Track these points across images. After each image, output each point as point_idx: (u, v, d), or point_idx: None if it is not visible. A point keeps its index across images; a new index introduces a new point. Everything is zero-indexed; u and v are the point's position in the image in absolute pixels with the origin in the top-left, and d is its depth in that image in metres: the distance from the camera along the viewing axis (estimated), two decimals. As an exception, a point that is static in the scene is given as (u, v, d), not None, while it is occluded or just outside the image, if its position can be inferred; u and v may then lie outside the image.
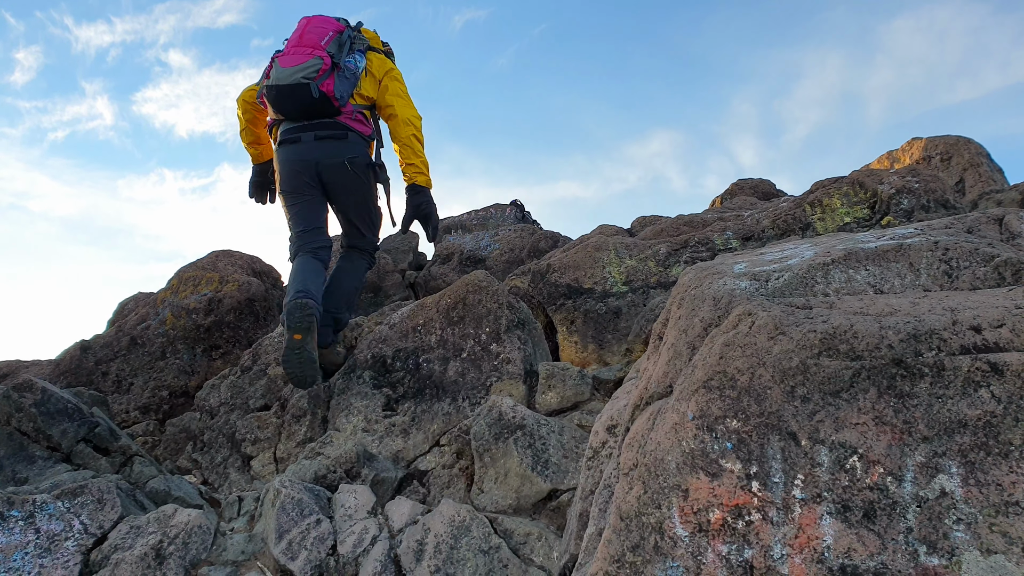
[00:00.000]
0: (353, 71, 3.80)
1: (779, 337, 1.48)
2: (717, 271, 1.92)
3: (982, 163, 5.95)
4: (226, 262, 5.62)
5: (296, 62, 3.66)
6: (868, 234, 1.98)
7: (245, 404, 4.20)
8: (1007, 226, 1.84)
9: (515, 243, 6.20)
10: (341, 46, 3.82)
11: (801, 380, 1.42)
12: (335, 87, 3.70)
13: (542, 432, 2.96)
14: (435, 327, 3.78)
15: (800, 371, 1.42)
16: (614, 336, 4.12)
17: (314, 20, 3.90)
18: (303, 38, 3.78)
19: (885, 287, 1.66)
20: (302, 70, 3.63)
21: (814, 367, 1.41)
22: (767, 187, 6.69)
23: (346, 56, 3.82)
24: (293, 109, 3.76)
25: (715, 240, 4.44)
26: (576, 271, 4.53)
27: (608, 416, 2.14)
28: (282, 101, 3.73)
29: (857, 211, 4.12)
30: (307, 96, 3.65)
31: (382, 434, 3.60)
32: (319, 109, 3.73)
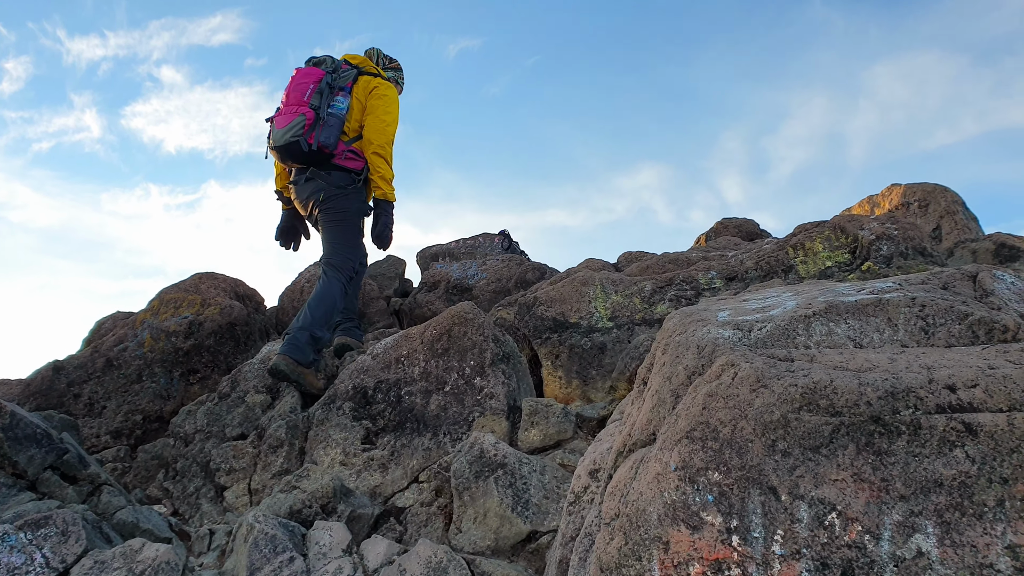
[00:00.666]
0: (337, 115, 4.32)
1: (761, 390, 1.50)
2: (702, 318, 1.95)
3: (958, 211, 6.07)
4: (209, 285, 5.58)
5: (285, 123, 4.22)
6: (848, 286, 2.02)
7: (221, 432, 4.15)
8: (981, 284, 1.88)
9: (502, 273, 6.22)
10: (322, 94, 4.32)
11: (782, 434, 1.43)
12: (321, 137, 4.24)
13: (523, 471, 2.95)
14: (419, 359, 3.77)
15: (781, 425, 1.44)
16: (598, 372, 4.13)
17: (297, 76, 4.40)
18: (289, 97, 4.34)
19: (864, 341, 1.69)
20: (290, 130, 4.20)
21: (795, 421, 1.43)
22: (751, 227, 6.77)
23: (329, 104, 4.32)
24: (295, 162, 4.38)
25: (699, 279, 4.48)
26: (562, 305, 4.54)
27: (591, 460, 2.15)
28: (283, 157, 4.37)
29: (838, 256, 4.18)
30: (299, 151, 4.23)
31: (360, 468, 3.57)
32: (315, 158, 4.30)
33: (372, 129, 4.39)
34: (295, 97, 4.29)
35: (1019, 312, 1.85)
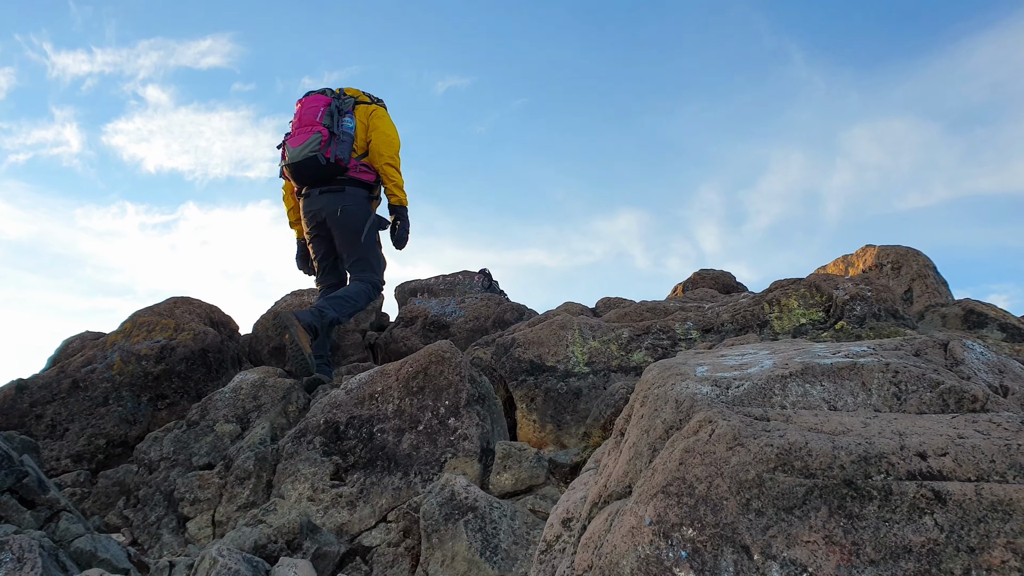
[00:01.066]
0: (348, 133, 4.73)
1: (737, 448, 1.52)
2: (680, 372, 1.97)
3: (929, 275, 6.23)
4: (184, 309, 5.53)
5: (302, 141, 4.60)
6: (824, 347, 2.06)
7: (188, 461, 4.08)
8: (951, 352, 1.93)
9: (481, 312, 6.23)
10: (332, 116, 4.70)
11: (756, 493, 1.45)
12: (337, 151, 4.64)
13: (494, 516, 2.94)
14: (393, 396, 3.75)
15: (756, 484, 1.46)
16: (573, 418, 4.13)
17: (306, 102, 4.78)
18: (302, 119, 4.70)
19: (839, 404, 1.72)
20: (308, 146, 4.56)
21: (769, 481, 1.45)
22: (728, 279, 6.87)
23: (339, 122, 4.71)
24: (309, 178, 4.73)
25: (676, 329, 4.53)
26: (540, 347, 4.56)
27: (564, 508, 2.14)
28: (300, 173, 4.71)
29: (813, 313, 4.25)
30: (317, 165, 4.61)
31: (328, 504, 3.52)
32: (329, 173, 4.70)
33: (381, 143, 4.82)
34: (308, 119, 4.68)
35: (988, 382, 1.89)
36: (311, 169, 4.65)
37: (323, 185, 4.74)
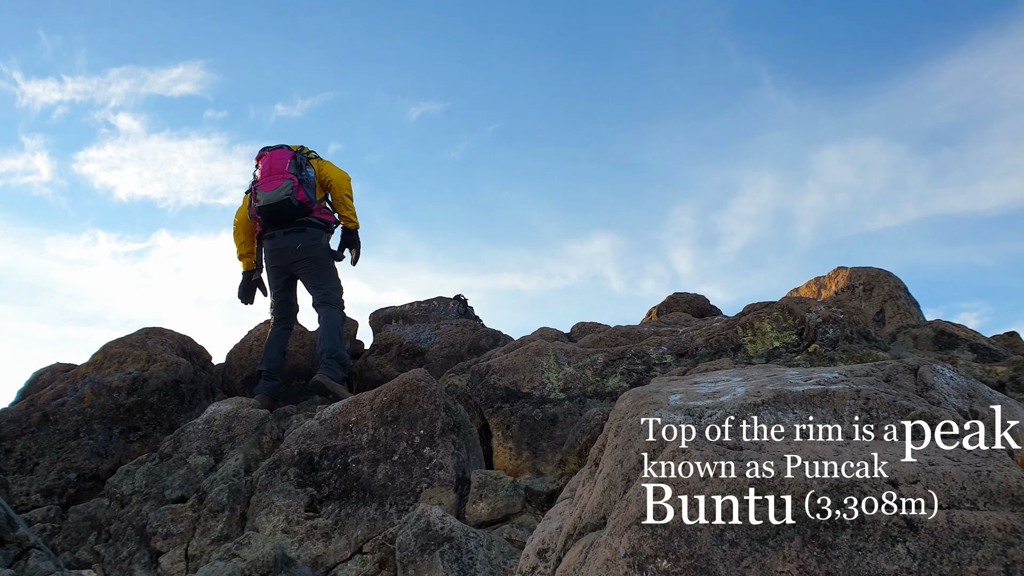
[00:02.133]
0: (311, 180, 5.41)
1: (711, 479, 1.51)
2: (654, 400, 1.97)
3: (900, 296, 6.32)
4: (156, 340, 5.44)
5: (275, 186, 5.22)
6: (796, 373, 2.07)
7: (160, 494, 3.98)
8: (922, 377, 1.95)
9: (456, 338, 6.20)
10: (298, 166, 5.39)
11: (730, 524, 1.44)
12: (305, 195, 5.30)
13: (470, 546, 2.90)
14: (367, 426, 3.71)
15: (729, 515, 1.45)
16: (549, 444, 4.10)
17: (273, 155, 5.41)
18: (272, 168, 5.33)
19: (811, 432, 1.72)
20: (282, 190, 5.20)
21: (743, 512, 1.45)
22: (702, 302, 6.92)
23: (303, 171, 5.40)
24: (280, 219, 5.29)
25: (651, 354, 4.54)
26: (515, 374, 4.54)
27: (540, 539, 2.12)
28: (272, 214, 5.25)
29: (786, 336, 4.29)
30: (289, 207, 5.22)
31: (303, 536, 3.45)
32: (297, 214, 5.29)
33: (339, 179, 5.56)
34: (277, 168, 5.33)
35: (957, 407, 1.91)
36: (284, 211, 5.25)
37: (288, 226, 5.34)
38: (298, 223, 5.32)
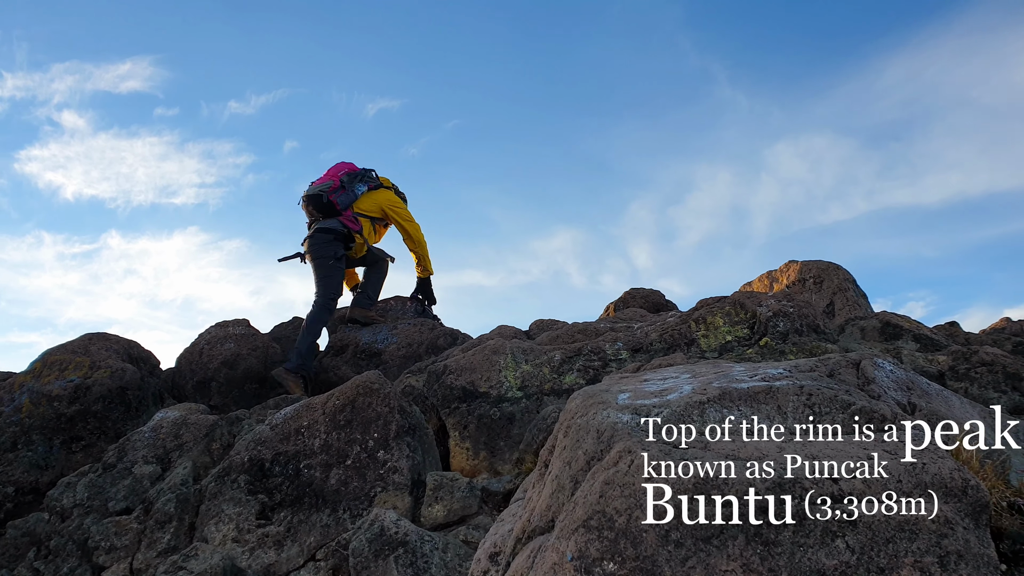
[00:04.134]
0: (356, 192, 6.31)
1: (656, 479, 1.51)
2: (602, 400, 1.97)
3: (849, 288, 6.46)
4: (100, 346, 5.28)
5: (320, 182, 6.26)
6: (742, 370, 2.09)
7: (104, 507, 3.87)
8: (863, 371, 1.99)
9: (413, 338, 6.14)
10: (352, 178, 6.33)
11: (675, 524, 1.45)
12: (338, 199, 6.19)
13: (425, 549, 2.87)
14: (320, 430, 3.65)
15: (674, 515, 1.45)
16: (506, 443, 4.09)
17: (340, 164, 6.43)
18: (330, 172, 6.35)
19: (756, 428, 1.74)
20: (320, 187, 6.20)
21: (687, 512, 1.45)
22: (657, 298, 6.98)
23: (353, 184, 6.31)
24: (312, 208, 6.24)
25: (607, 350, 4.55)
26: (472, 374, 4.51)
27: (491, 542, 2.11)
28: (307, 203, 6.26)
29: (738, 330, 4.34)
30: (318, 202, 6.18)
31: (254, 545, 3.39)
32: (326, 211, 6.19)
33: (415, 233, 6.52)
34: (333, 172, 6.32)
35: (897, 400, 1.95)
36: (315, 203, 6.19)
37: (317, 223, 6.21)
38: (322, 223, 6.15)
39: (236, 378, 5.81)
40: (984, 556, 1.37)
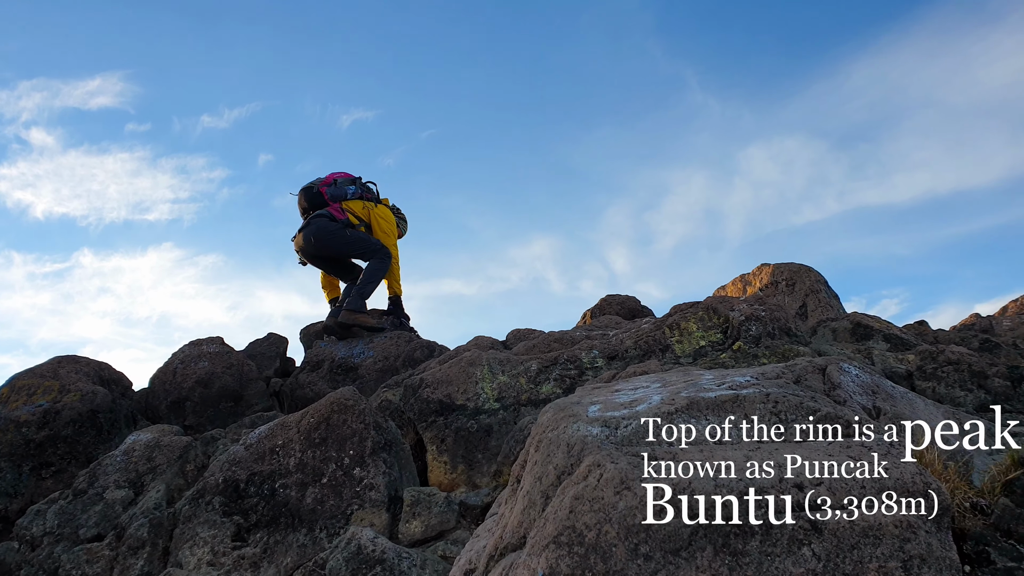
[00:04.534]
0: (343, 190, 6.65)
1: (624, 492, 1.52)
2: (573, 413, 1.97)
3: (821, 290, 6.55)
4: (69, 369, 5.20)
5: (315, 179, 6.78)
6: (711, 378, 2.11)
7: (75, 534, 3.80)
8: (829, 376, 2.02)
9: (390, 351, 6.11)
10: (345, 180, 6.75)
11: (644, 537, 1.45)
12: (328, 191, 6.59)
13: (403, 567, 2.86)
14: (294, 449, 3.62)
15: (643, 528, 1.46)
16: (484, 456, 4.08)
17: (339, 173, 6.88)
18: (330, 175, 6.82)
19: (723, 437, 1.75)
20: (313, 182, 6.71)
21: (656, 524, 1.46)
22: (633, 303, 7.02)
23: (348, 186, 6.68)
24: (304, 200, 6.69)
25: (583, 358, 4.57)
26: (449, 387, 4.50)
27: (467, 559, 2.10)
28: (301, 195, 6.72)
29: (711, 335, 4.38)
30: (310, 192, 6.65)
31: (230, 568, 3.34)
32: (315, 202, 6.61)
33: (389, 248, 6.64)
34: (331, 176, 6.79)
35: (862, 404, 1.98)
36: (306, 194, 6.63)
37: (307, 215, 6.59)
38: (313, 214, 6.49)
39: (211, 397, 5.75)
40: (946, 559, 1.39)
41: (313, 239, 6.42)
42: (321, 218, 6.45)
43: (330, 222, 6.43)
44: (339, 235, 6.44)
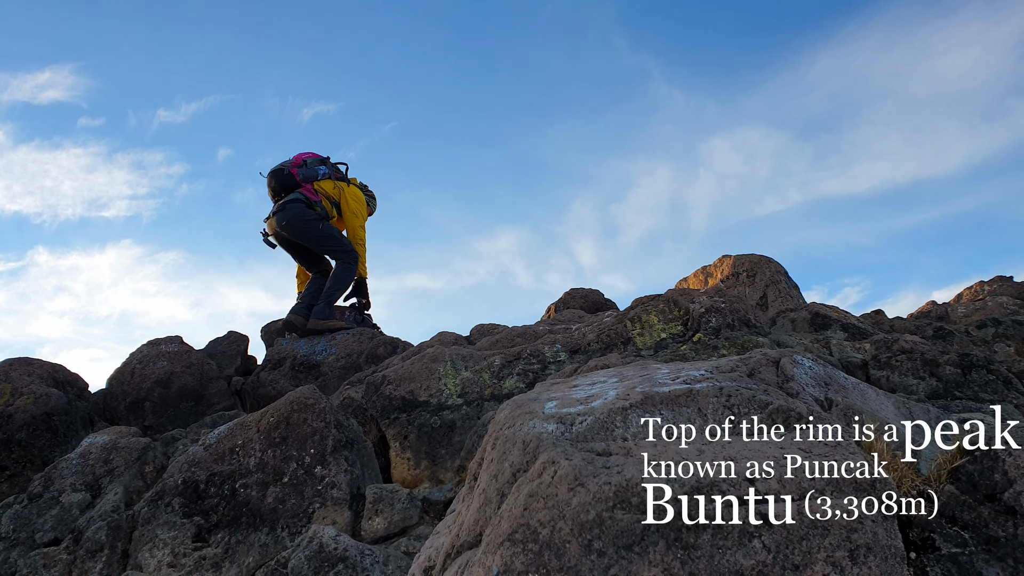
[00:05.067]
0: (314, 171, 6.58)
1: (578, 489, 1.53)
2: (530, 410, 1.98)
3: (781, 280, 6.64)
4: (21, 371, 5.07)
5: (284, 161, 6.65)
6: (666, 372, 2.13)
7: (31, 539, 3.71)
8: (783, 369, 2.04)
9: (352, 348, 6.07)
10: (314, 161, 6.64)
11: (597, 533, 1.46)
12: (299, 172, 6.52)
13: (365, 564, 2.84)
14: (255, 448, 3.57)
15: (596, 524, 1.47)
16: (448, 451, 4.08)
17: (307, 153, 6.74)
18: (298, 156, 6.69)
19: (677, 432, 1.77)
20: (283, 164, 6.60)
21: (609, 520, 1.47)
22: (596, 297, 7.06)
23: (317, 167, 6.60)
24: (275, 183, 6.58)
25: (545, 352, 4.58)
26: (412, 383, 4.48)
27: (426, 556, 2.09)
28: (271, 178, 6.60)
29: (672, 328, 4.42)
30: (280, 175, 6.55)
31: (191, 569, 3.30)
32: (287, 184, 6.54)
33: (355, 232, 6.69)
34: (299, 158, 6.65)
35: (814, 396, 2.01)
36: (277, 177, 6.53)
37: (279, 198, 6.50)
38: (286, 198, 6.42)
39: (171, 397, 5.65)
40: (891, 547, 1.42)
41: (287, 224, 6.34)
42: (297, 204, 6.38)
43: (307, 209, 6.38)
44: (313, 227, 6.37)
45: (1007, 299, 7.46)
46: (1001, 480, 1.57)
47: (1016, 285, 8.46)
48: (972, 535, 1.54)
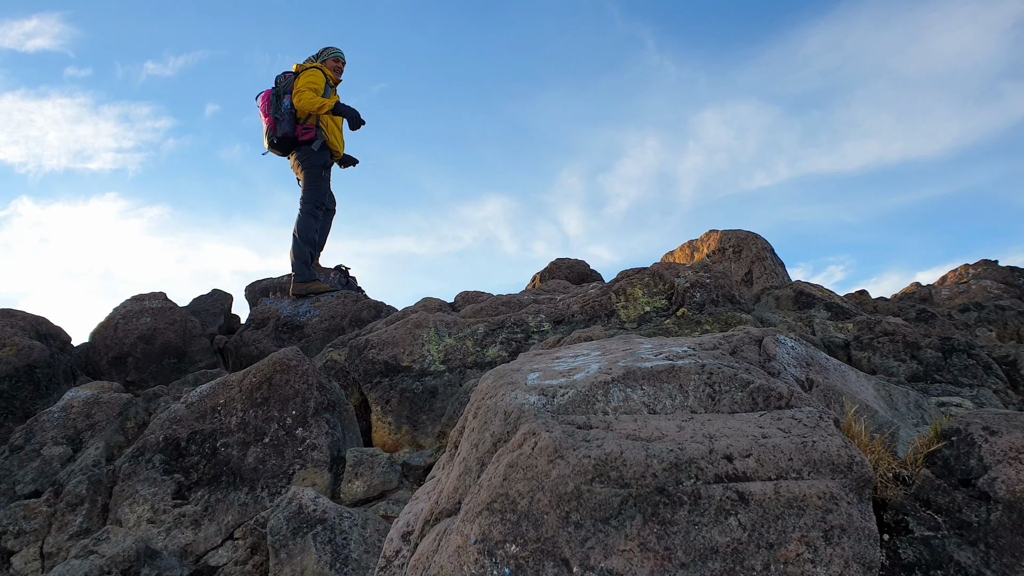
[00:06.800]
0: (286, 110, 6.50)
1: (558, 461, 1.53)
2: (512, 380, 1.98)
3: (767, 257, 6.66)
4: (4, 323, 5.02)
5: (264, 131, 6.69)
6: (649, 348, 2.13)
7: (11, 490, 3.72)
8: (765, 348, 2.05)
9: (336, 310, 6.05)
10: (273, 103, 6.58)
11: (575, 506, 1.47)
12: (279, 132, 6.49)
13: (344, 526, 2.86)
14: (236, 408, 3.57)
15: (574, 496, 1.48)
16: (429, 417, 4.10)
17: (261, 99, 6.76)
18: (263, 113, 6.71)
19: (658, 407, 1.78)
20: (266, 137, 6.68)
21: (587, 493, 1.48)
22: (582, 268, 7.05)
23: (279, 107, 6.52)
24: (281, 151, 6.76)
25: (529, 322, 4.59)
26: (395, 348, 4.48)
27: (405, 521, 2.11)
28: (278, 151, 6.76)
29: (656, 301, 4.43)
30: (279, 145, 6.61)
31: (170, 525, 3.31)
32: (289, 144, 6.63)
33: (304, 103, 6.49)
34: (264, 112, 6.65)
35: (795, 376, 2.02)
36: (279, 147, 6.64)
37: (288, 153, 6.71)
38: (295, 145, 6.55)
39: (153, 353, 5.63)
40: (865, 529, 1.45)
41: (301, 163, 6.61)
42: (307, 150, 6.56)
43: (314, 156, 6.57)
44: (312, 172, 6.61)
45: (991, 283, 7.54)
46: (976, 466, 1.59)
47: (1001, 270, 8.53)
48: (945, 519, 1.56)
